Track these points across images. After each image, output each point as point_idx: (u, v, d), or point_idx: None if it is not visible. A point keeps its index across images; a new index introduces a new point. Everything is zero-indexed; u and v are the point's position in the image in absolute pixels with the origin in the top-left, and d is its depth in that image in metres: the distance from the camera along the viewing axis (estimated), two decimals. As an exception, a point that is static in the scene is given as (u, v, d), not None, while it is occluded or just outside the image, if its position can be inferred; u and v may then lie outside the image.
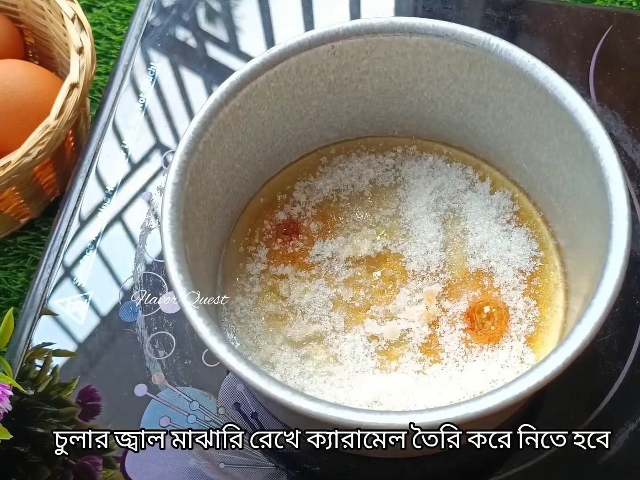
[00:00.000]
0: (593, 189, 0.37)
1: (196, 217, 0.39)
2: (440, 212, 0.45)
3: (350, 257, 0.44)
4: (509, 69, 0.39)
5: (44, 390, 0.45)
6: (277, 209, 0.46)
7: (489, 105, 0.43)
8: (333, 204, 0.46)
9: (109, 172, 0.53)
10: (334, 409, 0.31)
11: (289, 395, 0.32)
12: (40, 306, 0.48)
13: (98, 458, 0.43)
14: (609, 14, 0.56)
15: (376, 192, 0.46)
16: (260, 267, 0.44)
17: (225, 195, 0.43)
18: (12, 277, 0.56)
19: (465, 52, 0.40)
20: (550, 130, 0.40)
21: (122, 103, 0.55)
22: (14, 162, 0.48)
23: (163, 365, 0.45)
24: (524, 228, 0.44)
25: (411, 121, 0.46)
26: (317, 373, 0.41)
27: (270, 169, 0.46)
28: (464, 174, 0.46)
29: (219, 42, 0.58)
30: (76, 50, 0.52)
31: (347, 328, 0.42)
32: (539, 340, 0.41)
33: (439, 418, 0.31)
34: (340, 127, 0.47)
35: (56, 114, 0.49)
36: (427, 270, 0.43)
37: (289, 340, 0.42)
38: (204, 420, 0.44)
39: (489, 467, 0.42)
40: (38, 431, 0.44)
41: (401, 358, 0.41)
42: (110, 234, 0.50)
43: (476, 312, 0.42)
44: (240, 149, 0.42)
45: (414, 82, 0.44)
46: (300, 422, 0.40)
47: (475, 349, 0.41)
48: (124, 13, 0.67)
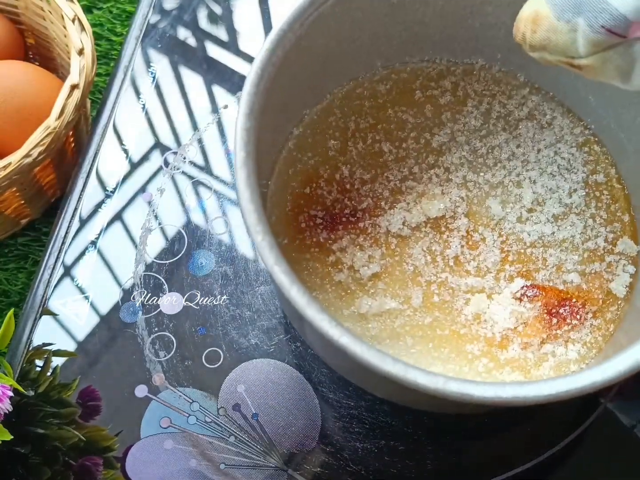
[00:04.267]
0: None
1: (259, 162, 0.35)
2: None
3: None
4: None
5: (44, 390, 0.45)
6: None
7: None
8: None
9: (109, 172, 0.53)
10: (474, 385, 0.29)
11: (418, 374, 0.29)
12: (41, 307, 0.48)
13: (98, 458, 0.43)
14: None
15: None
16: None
17: (272, 134, 0.40)
18: (12, 277, 0.56)
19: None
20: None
21: (123, 104, 0.55)
22: (14, 163, 0.48)
23: (163, 366, 0.45)
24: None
25: (465, 45, 0.44)
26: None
27: (310, 103, 0.43)
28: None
29: (219, 42, 0.58)
30: (76, 51, 0.52)
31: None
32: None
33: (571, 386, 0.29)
34: (387, 52, 0.44)
35: (57, 115, 0.49)
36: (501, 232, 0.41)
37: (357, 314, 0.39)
38: (205, 421, 0.44)
39: (489, 467, 0.42)
40: (38, 432, 0.44)
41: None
42: (110, 234, 0.50)
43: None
44: (294, 82, 0.39)
45: (481, 4, 0.41)
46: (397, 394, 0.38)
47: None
48: (125, 14, 0.67)
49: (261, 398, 0.44)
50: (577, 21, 0.29)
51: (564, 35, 0.30)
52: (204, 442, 0.43)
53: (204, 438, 0.43)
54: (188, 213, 0.51)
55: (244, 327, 0.46)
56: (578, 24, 0.29)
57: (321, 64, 0.41)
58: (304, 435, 0.43)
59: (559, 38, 0.30)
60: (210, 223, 0.50)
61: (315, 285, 0.39)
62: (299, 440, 0.43)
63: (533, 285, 0.39)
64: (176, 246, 0.49)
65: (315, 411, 0.44)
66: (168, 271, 0.48)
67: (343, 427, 0.43)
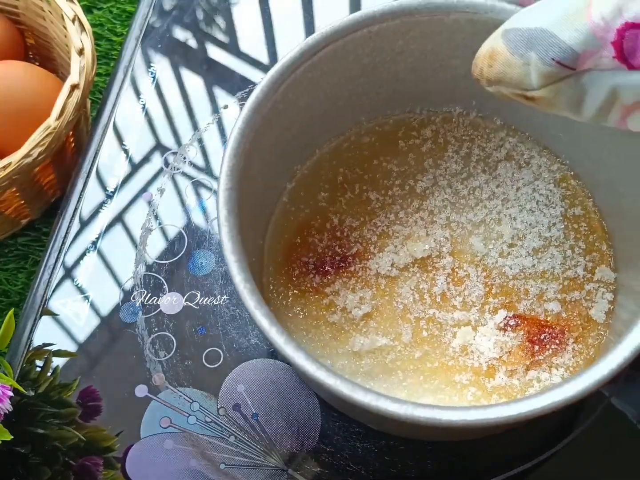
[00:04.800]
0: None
1: (245, 219, 0.38)
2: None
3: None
4: None
5: (44, 390, 0.45)
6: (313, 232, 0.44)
7: None
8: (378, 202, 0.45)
9: (109, 172, 0.53)
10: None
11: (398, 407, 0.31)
12: (41, 307, 0.48)
13: (98, 459, 0.43)
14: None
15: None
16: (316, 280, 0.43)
17: (264, 191, 0.42)
18: (12, 278, 0.56)
19: None
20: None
21: (123, 104, 0.55)
22: (14, 163, 0.48)
23: (163, 366, 0.45)
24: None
25: (442, 96, 0.45)
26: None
27: (300, 159, 0.45)
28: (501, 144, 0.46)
29: (219, 43, 0.58)
30: (77, 51, 0.52)
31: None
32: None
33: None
34: (370, 108, 0.46)
35: (57, 115, 0.49)
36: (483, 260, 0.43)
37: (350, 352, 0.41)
38: (205, 421, 0.44)
39: (489, 467, 0.42)
40: (38, 432, 0.44)
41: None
42: (110, 234, 0.50)
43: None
44: (278, 142, 0.41)
45: (448, 59, 0.43)
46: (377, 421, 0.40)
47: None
48: (125, 14, 0.67)
49: (261, 398, 0.44)
50: (530, 55, 0.30)
51: (518, 69, 0.31)
52: (204, 442, 0.43)
53: (204, 438, 0.43)
54: (188, 213, 0.51)
55: (244, 327, 0.46)
56: (531, 57, 0.30)
57: (306, 124, 0.43)
58: (304, 435, 0.43)
59: (514, 71, 0.31)
60: (211, 223, 0.50)
61: (311, 327, 0.41)
62: (299, 440, 0.43)
63: (515, 316, 0.41)
64: (176, 246, 0.49)
65: (315, 411, 0.44)
66: (168, 271, 0.48)
67: (343, 427, 0.43)
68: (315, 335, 0.41)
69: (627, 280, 0.41)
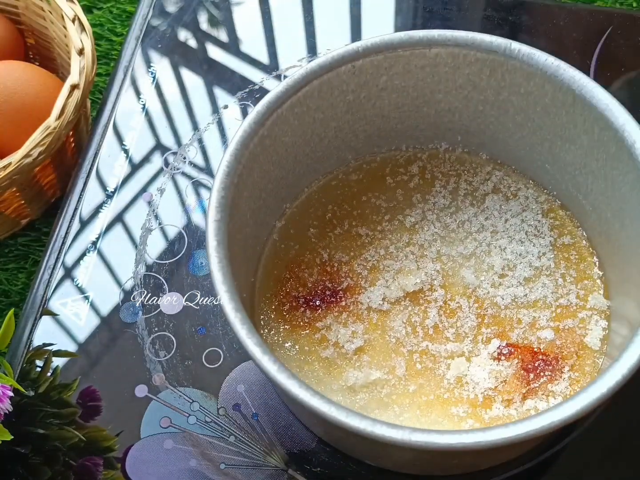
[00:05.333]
0: (630, 184, 0.37)
1: (235, 254, 0.38)
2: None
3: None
4: (531, 73, 0.39)
5: (44, 390, 0.45)
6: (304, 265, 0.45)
7: (509, 110, 0.42)
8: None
9: (109, 172, 0.53)
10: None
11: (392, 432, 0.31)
12: (41, 307, 0.48)
13: (99, 459, 0.43)
14: (610, 15, 0.56)
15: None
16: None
17: (254, 228, 0.42)
18: (12, 278, 0.56)
19: (485, 60, 0.40)
20: (577, 130, 0.39)
21: (123, 104, 0.55)
22: (14, 163, 0.48)
23: (163, 366, 0.45)
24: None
25: (427, 133, 0.46)
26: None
27: (289, 198, 0.46)
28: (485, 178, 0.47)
29: (219, 43, 0.58)
30: (77, 51, 0.52)
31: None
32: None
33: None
34: (356, 146, 0.46)
35: (57, 115, 0.49)
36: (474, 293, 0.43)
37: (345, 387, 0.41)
38: (205, 421, 0.44)
39: (489, 467, 0.42)
40: (39, 432, 0.44)
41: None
42: (110, 234, 0.50)
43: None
44: (266, 178, 0.42)
45: (431, 93, 0.43)
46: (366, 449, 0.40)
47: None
48: (125, 14, 0.67)
49: (261, 398, 0.44)
50: None
51: None
52: (204, 442, 0.43)
53: (204, 438, 0.43)
54: (188, 213, 0.51)
55: (244, 327, 0.46)
56: None
57: (293, 160, 0.44)
58: (304, 435, 0.43)
59: None
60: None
61: (304, 363, 0.42)
62: (299, 440, 0.43)
63: (508, 344, 0.41)
64: (176, 246, 0.49)
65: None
66: (168, 271, 0.49)
67: (343, 427, 0.43)
68: (309, 372, 0.41)
69: (620, 306, 0.41)
